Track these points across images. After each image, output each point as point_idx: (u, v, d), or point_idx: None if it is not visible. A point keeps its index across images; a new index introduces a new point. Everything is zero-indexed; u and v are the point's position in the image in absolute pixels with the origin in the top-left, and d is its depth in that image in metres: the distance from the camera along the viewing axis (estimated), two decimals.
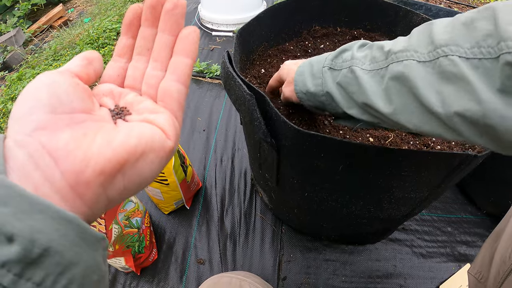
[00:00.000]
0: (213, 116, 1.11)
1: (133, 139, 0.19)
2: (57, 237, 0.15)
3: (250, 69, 0.70)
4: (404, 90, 0.30)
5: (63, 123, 0.18)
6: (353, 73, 0.35)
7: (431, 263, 0.80)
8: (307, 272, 0.75)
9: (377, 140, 0.61)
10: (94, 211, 0.18)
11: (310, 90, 0.42)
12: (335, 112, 0.42)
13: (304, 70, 0.43)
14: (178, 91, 0.23)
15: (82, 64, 0.22)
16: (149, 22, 0.23)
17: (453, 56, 0.26)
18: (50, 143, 0.17)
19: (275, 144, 0.48)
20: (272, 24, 0.72)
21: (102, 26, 1.59)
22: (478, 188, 0.93)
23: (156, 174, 0.21)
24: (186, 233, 0.82)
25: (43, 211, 0.15)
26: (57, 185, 0.17)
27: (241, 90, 0.45)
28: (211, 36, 1.47)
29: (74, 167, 0.17)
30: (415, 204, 0.60)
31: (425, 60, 0.28)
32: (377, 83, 0.33)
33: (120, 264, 0.72)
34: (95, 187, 0.18)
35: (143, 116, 0.22)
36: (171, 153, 0.22)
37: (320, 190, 0.54)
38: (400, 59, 0.30)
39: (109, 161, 0.18)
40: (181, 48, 0.23)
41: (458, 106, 0.26)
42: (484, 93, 0.24)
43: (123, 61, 0.25)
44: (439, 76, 0.27)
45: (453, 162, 0.48)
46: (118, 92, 0.24)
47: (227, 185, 0.90)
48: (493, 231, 0.55)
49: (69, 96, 0.19)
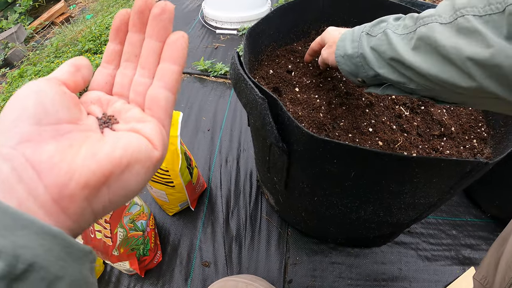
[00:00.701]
0: (217, 115, 1.10)
1: (118, 150, 0.19)
2: (41, 252, 0.15)
3: (258, 69, 0.69)
4: (428, 47, 0.35)
5: (48, 134, 0.18)
6: (386, 35, 0.40)
7: (436, 266, 0.80)
8: (313, 275, 0.74)
9: (386, 143, 0.60)
10: (79, 225, 0.18)
11: (348, 53, 0.46)
12: (366, 75, 0.45)
13: (346, 36, 0.48)
14: (165, 99, 0.23)
15: (70, 71, 0.22)
16: (136, 27, 0.23)
17: (468, 15, 0.31)
18: (34, 156, 0.17)
19: (286, 149, 0.48)
20: (281, 24, 0.71)
21: (104, 23, 1.57)
22: (483, 191, 0.93)
23: (143, 185, 0.21)
24: (191, 235, 0.82)
25: (27, 227, 0.15)
26: (40, 199, 0.16)
27: (253, 94, 0.44)
28: (215, 34, 1.46)
29: (58, 180, 0.17)
30: (424, 209, 0.59)
31: (446, 22, 0.33)
32: (406, 44, 0.37)
33: (124, 267, 0.71)
34: (79, 201, 0.17)
35: (130, 126, 0.22)
36: (158, 163, 0.22)
37: (330, 195, 0.54)
38: (426, 22, 0.35)
39: (94, 174, 0.18)
40: (168, 55, 0.23)
41: (469, 52, 0.30)
42: (493, 40, 0.29)
43: (111, 67, 0.24)
44: (457, 31, 0.32)
45: (464, 169, 0.48)
46: (106, 100, 0.24)
47: (232, 186, 0.90)
48: (499, 236, 0.55)
49: (55, 105, 0.19)
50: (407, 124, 0.66)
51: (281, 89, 0.66)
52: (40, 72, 1.42)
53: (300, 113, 0.60)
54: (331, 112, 0.63)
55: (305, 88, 0.67)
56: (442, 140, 0.65)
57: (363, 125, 0.63)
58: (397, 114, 0.67)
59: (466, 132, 0.68)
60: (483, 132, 0.68)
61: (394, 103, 0.70)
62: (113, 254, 0.66)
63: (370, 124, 0.64)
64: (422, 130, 0.66)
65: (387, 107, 0.68)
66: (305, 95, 0.66)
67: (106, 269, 0.78)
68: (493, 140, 0.66)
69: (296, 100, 0.64)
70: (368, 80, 0.46)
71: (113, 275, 0.77)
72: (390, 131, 0.63)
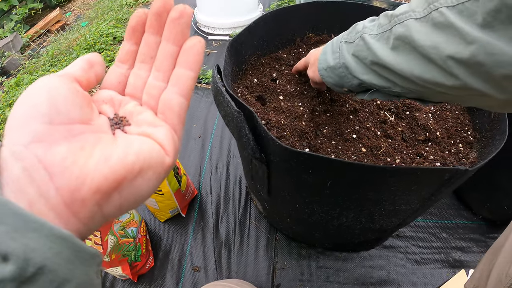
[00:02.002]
0: (208, 122, 1.11)
1: (131, 156, 0.19)
2: (51, 256, 0.15)
3: (242, 79, 0.70)
4: (406, 46, 0.34)
5: (60, 135, 0.18)
6: (363, 40, 0.39)
7: (425, 269, 0.80)
8: (301, 279, 0.75)
9: (369, 150, 0.61)
10: (89, 228, 0.18)
11: (330, 65, 0.46)
12: (351, 84, 0.44)
13: (327, 49, 0.48)
14: (179, 105, 0.22)
15: (84, 68, 0.21)
16: (153, 29, 0.23)
17: (441, 8, 0.29)
18: (46, 157, 0.17)
19: (264, 159, 0.49)
20: (264, 33, 0.72)
21: (98, 31, 1.59)
22: (474, 194, 0.93)
23: (153, 191, 0.21)
24: (182, 241, 0.83)
25: (38, 230, 0.15)
26: (52, 201, 0.16)
27: (230, 107, 0.45)
28: (207, 40, 1.47)
29: (70, 184, 0.17)
30: (406, 215, 0.60)
31: (421, 17, 0.32)
32: (384, 44, 0.37)
33: (117, 272, 0.73)
34: (90, 205, 0.17)
35: (142, 129, 0.22)
36: (169, 169, 0.21)
37: (311, 203, 0.54)
38: (401, 20, 0.34)
39: (106, 179, 0.17)
40: (184, 60, 0.22)
41: (449, 50, 0.29)
42: (470, 34, 0.27)
43: (125, 67, 0.24)
44: (432, 28, 0.31)
45: (443, 176, 0.48)
46: (118, 100, 0.23)
47: (222, 192, 0.91)
48: (492, 246, 0.54)
49: (67, 104, 0.18)
50: (392, 129, 0.66)
51: (266, 97, 0.67)
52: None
53: (282, 122, 0.61)
54: (315, 119, 0.64)
55: (289, 96, 0.68)
56: (427, 145, 0.65)
57: (347, 131, 0.64)
58: (382, 119, 0.68)
59: (452, 136, 0.68)
60: (469, 136, 0.68)
61: (379, 108, 0.70)
62: (104, 260, 0.67)
63: (354, 130, 0.64)
64: (407, 135, 0.66)
65: (372, 113, 0.69)
66: (289, 103, 0.67)
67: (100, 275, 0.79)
68: (479, 144, 0.66)
69: (280, 108, 0.64)
70: (354, 89, 0.46)
71: (107, 280, 0.79)
72: (374, 137, 0.64)
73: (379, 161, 0.58)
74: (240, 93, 0.65)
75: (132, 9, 1.92)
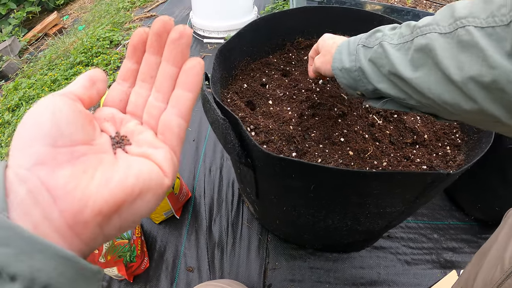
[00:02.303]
0: (202, 126, 1.13)
1: (130, 178, 0.19)
2: (55, 275, 0.16)
3: (232, 84, 0.71)
4: (427, 60, 0.33)
5: (63, 158, 0.18)
6: (382, 47, 0.38)
7: (416, 270, 0.81)
8: (292, 279, 0.77)
9: (356, 153, 0.61)
10: (91, 247, 0.19)
11: (346, 66, 0.45)
12: (365, 89, 0.43)
13: (342, 49, 0.46)
14: (178, 126, 0.23)
15: (86, 86, 0.22)
16: (154, 49, 0.23)
17: (469, 26, 0.29)
18: (49, 180, 0.17)
19: (250, 163, 0.50)
20: (254, 39, 0.73)
21: (95, 35, 1.60)
22: (465, 195, 0.93)
23: (152, 211, 0.21)
24: (176, 242, 0.85)
25: (43, 251, 0.16)
26: (55, 223, 0.17)
27: (216, 114, 0.47)
28: (202, 43, 1.48)
29: (73, 207, 0.17)
30: (392, 218, 0.61)
31: (446, 32, 0.31)
32: (403, 54, 0.36)
33: (113, 272, 0.75)
34: (92, 227, 0.18)
35: (142, 150, 0.22)
36: (167, 189, 0.22)
37: (297, 206, 0.56)
38: (424, 32, 0.33)
39: (106, 202, 0.18)
40: (184, 81, 0.23)
41: (472, 71, 0.28)
42: (495, 58, 0.27)
43: (127, 85, 0.25)
44: (457, 45, 0.30)
45: (425, 180, 0.49)
46: (119, 118, 0.24)
47: (215, 195, 0.92)
48: (480, 249, 0.55)
49: (69, 126, 0.19)
50: (380, 132, 0.67)
51: (255, 102, 0.69)
52: (34, 84, 1.46)
53: (271, 126, 0.62)
54: (303, 123, 0.65)
55: (278, 100, 0.69)
56: (415, 147, 0.66)
57: (335, 135, 0.64)
58: (370, 123, 0.68)
59: (440, 139, 0.68)
60: (457, 138, 0.68)
61: (368, 111, 0.71)
62: (99, 261, 0.69)
63: (342, 134, 0.65)
64: (394, 138, 0.67)
65: (360, 116, 0.70)
66: (278, 107, 0.68)
67: None
68: (466, 146, 0.67)
69: (269, 113, 0.66)
70: (368, 94, 0.45)
71: (104, 280, 0.80)
72: (362, 140, 0.64)
73: (366, 164, 0.59)
74: (229, 99, 0.67)
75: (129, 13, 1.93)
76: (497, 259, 0.47)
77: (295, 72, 0.77)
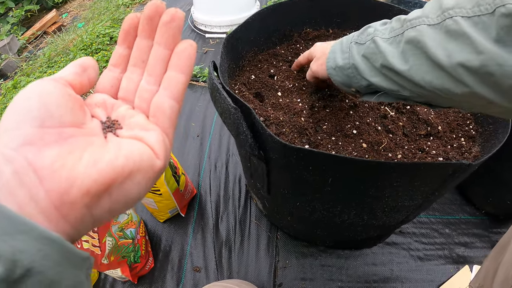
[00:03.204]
0: (206, 121, 1.10)
1: (120, 158, 0.19)
2: (39, 258, 0.15)
3: (239, 76, 0.69)
4: (417, 51, 0.34)
5: (51, 138, 0.18)
6: (374, 43, 0.39)
7: (428, 266, 0.79)
8: (303, 278, 0.74)
9: (370, 145, 0.60)
10: (79, 231, 0.18)
11: (339, 64, 0.46)
12: (359, 85, 0.45)
13: (336, 48, 0.48)
14: (170, 108, 0.23)
15: (77, 72, 0.22)
16: (145, 33, 0.23)
17: (456, 17, 0.30)
18: (36, 160, 0.17)
19: (263, 156, 0.48)
20: (261, 28, 0.71)
21: (95, 31, 1.58)
22: (476, 188, 0.92)
23: (143, 194, 0.21)
24: (182, 241, 0.82)
25: (27, 232, 0.15)
26: (41, 204, 0.16)
27: (226, 103, 0.44)
28: (204, 38, 1.46)
29: (59, 187, 0.17)
30: (410, 211, 0.59)
31: (434, 23, 0.32)
32: (395, 48, 0.37)
33: (117, 274, 0.72)
34: (80, 208, 0.17)
35: (134, 133, 0.22)
36: (160, 172, 0.22)
37: (312, 200, 0.53)
38: (414, 25, 0.34)
39: (95, 182, 0.18)
40: (176, 63, 0.23)
41: (460, 58, 0.30)
42: (482, 44, 0.28)
43: (118, 71, 0.24)
44: (445, 35, 0.31)
45: (446, 171, 0.47)
46: (110, 104, 0.24)
47: (221, 191, 0.90)
48: (497, 244, 0.54)
49: (59, 108, 0.19)
50: (393, 124, 0.65)
51: (263, 94, 0.66)
52: None
53: (281, 118, 0.60)
54: (314, 115, 0.63)
55: (287, 92, 0.67)
56: (429, 139, 0.64)
57: (347, 127, 0.63)
58: (382, 114, 0.67)
59: (454, 130, 0.67)
60: (471, 130, 0.67)
61: (380, 103, 0.69)
62: (102, 262, 0.67)
63: (354, 126, 0.63)
64: (408, 130, 0.65)
65: (372, 108, 0.68)
66: (288, 99, 0.65)
67: (101, 277, 0.79)
68: (481, 137, 0.65)
69: (278, 105, 0.63)
70: (362, 90, 0.46)
71: (107, 282, 0.78)
72: (375, 133, 0.63)
73: (380, 157, 0.57)
74: (237, 90, 0.64)
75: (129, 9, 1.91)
76: None
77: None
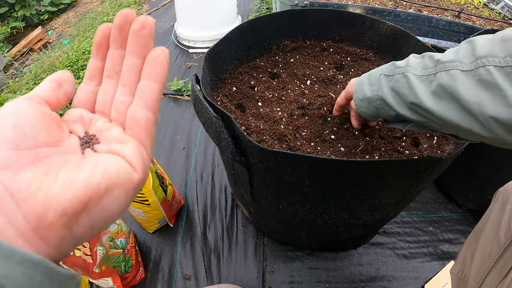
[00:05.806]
0: (192, 134, 1.12)
1: (96, 175, 0.19)
2: (24, 281, 0.15)
3: (221, 88, 0.71)
4: (449, 95, 0.35)
5: (26, 160, 0.18)
6: (406, 77, 0.40)
7: (414, 263, 0.82)
8: (291, 281, 0.76)
9: (348, 149, 0.62)
10: (61, 251, 0.18)
11: (367, 96, 0.46)
12: (388, 115, 0.45)
13: (364, 80, 0.48)
14: (145, 118, 0.22)
15: (52, 88, 0.21)
16: (117, 43, 0.23)
17: (489, 66, 0.31)
18: (12, 184, 0.17)
19: (244, 161, 0.50)
20: (241, 42, 0.74)
21: (81, 48, 1.59)
22: (457, 186, 0.95)
23: (124, 208, 0.21)
24: (171, 250, 0.83)
25: (8, 257, 0.15)
26: (20, 228, 0.16)
27: (208, 113, 0.47)
28: (188, 53, 1.49)
29: (35, 210, 0.17)
30: (389, 209, 0.61)
31: (467, 70, 0.33)
32: (426, 86, 0.38)
33: (108, 284, 0.72)
34: (58, 229, 0.17)
35: (111, 147, 0.21)
36: (139, 185, 0.21)
37: (293, 203, 0.56)
38: (447, 68, 0.35)
39: (71, 202, 0.17)
40: (148, 72, 0.22)
41: (492, 111, 0.31)
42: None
43: (93, 84, 0.24)
44: (477, 83, 0.32)
45: (418, 167, 0.50)
46: (88, 118, 0.23)
47: (208, 201, 0.91)
48: (473, 230, 0.57)
49: (34, 128, 0.19)
50: (369, 128, 0.68)
51: (245, 104, 0.69)
52: None
53: (262, 127, 0.62)
54: (293, 123, 0.66)
55: (267, 102, 0.70)
56: (404, 141, 0.67)
57: (325, 133, 0.65)
58: None
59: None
60: None
61: None
62: (94, 271, 0.67)
63: (332, 131, 0.66)
64: (384, 133, 0.68)
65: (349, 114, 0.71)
66: (268, 108, 0.68)
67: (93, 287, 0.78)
68: None
69: (259, 114, 0.66)
70: (390, 119, 0.46)
71: None
72: (353, 137, 0.65)
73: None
74: (219, 101, 0.67)
75: None
76: (492, 236, 0.48)
77: (283, 75, 0.78)
